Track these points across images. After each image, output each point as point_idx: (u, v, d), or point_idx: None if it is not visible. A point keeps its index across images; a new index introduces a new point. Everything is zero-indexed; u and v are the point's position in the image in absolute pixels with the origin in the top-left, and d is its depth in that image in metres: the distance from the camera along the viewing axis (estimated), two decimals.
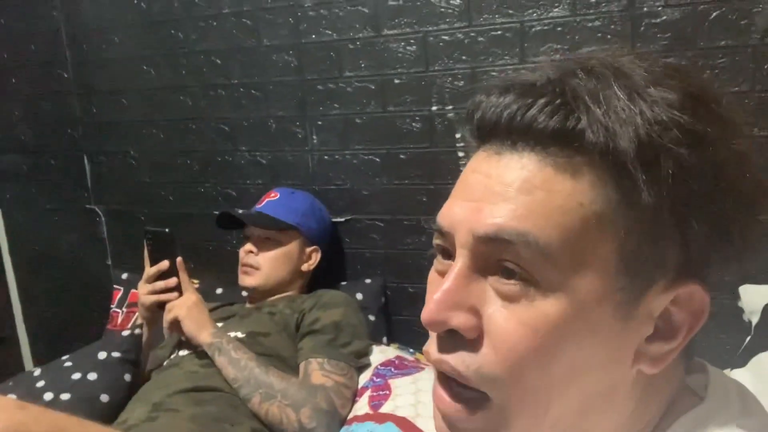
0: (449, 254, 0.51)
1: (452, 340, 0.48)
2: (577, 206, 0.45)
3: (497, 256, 0.47)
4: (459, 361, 0.48)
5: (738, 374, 1.34)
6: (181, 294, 1.58)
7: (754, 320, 1.42)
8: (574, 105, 0.45)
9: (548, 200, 0.46)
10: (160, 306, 1.59)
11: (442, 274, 0.52)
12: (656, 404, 0.52)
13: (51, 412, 0.98)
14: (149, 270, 1.60)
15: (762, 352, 1.30)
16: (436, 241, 0.53)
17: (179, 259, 1.58)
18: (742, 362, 1.36)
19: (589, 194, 0.45)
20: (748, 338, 1.41)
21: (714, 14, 1.47)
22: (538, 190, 0.46)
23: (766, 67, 1.45)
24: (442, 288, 0.48)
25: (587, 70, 0.47)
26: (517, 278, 0.46)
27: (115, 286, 2.17)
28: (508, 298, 0.47)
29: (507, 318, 0.46)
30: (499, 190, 0.47)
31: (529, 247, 0.45)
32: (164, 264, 1.57)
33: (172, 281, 1.58)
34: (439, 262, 0.53)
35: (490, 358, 0.46)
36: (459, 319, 0.47)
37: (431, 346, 0.50)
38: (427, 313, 0.48)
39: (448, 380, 0.50)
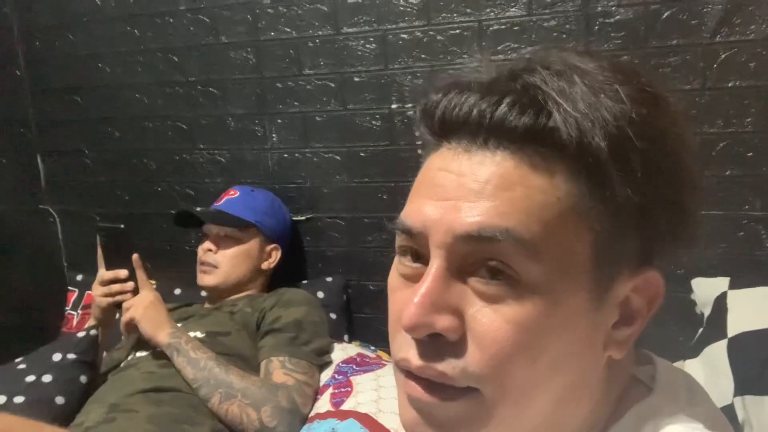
0: (417, 256, 0.51)
1: (435, 344, 0.47)
2: (555, 201, 0.46)
3: (478, 255, 0.47)
4: (445, 365, 0.47)
5: (690, 365, 1.37)
6: (137, 293, 1.55)
7: (706, 312, 1.46)
8: (543, 102, 0.46)
9: (528, 196, 0.46)
10: (116, 306, 1.56)
11: (408, 277, 0.51)
12: (615, 391, 0.53)
13: (4, 416, 0.96)
14: (104, 273, 1.57)
15: (713, 343, 1.34)
16: (402, 243, 0.52)
17: (135, 256, 1.56)
18: (694, 353, 1.39)
19: (565, 189, 0.46)
20: (701, 330, 1.45)
21: (665, 14, 1.51)
22: (517, 186, 0.46)
23: (715, 65, 1.49)
24: (421, 291, 0.46)
25: (546, 67, 0.48)
26: (500, 276, 0.46)
27: (69, 287, 2.12)
28: (490, 298, 0.46)
29: (491, 317, 0.46)
30: (476, 187, 0.47)
31: (513, 244, 0.45)
32: (122, 272, 1.55)
33: (128, 285, 1.55)
34: (403, 265, 0.52)
35: (476, 357, 0.46)
36: (443, 322, 0.46)
37: (408, 352, 0.49)
38: (410, 318, 0.46)
39: (422, 383, 0.49)
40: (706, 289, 1.49)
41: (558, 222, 0.46)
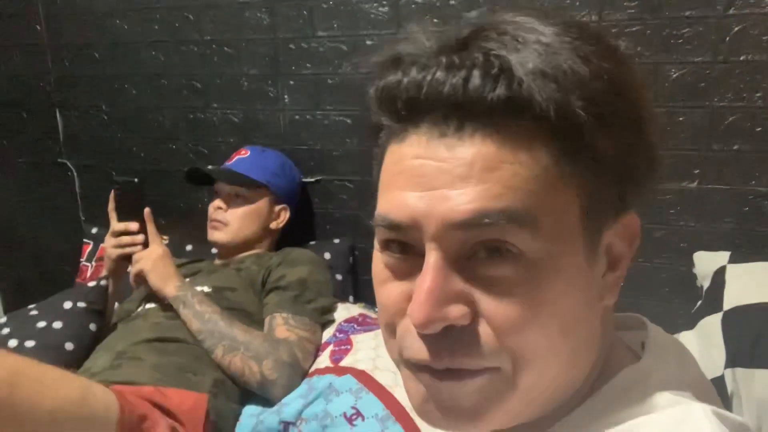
0: (405, 246, 0.49)
1: (447, 334, 0.47)
2: (541, 172, 0.46)
3: (476, 240, 0.46)
4: (461, 352, 0.47)
5: (685, 336, 1.39)
6: (147, 246, 1.59)
7: (705, 285, 1.46)
8: (513, 70, 0.44)
9: (516, 172, 0.45)
10: (127, 258, 1.61)
11: (396, 269, 0.50)
12: (606, 345, 0.54)
13: (10, 356, 1.00)
14: (116, 224, 1.61)
15: (708, 315, 1.35)
16: (387, 237, 0.50)
17: (147, 210, 1.60)
18: (690, 325, 1.40)
19: (548, 158, 0.46)
20: (699, 302, 1.46)
21: None
22: (503, 164, 0.45)
23: (727, 38, 1.47)
24: (425, 287, 0.45)
25: (502, 32, 0.46)
26: (503, 256, 0.46)
27: (85, 240, 2.17)
28: (494, 278, 0.46)
29: (500, 298, 0.46)
30: (462, 172, 0.45)
31: (512, 223, 0.45)
32: (133, 225, 1.58)
33: (139, 238, 1.59)
34: (391, 258, 0.50)
35: (490, 338, 0.46)
36: (455, 312, 0.46)
37: (420, 349, 0.48)
38: (423, 315, 0.45)
39: (439, 374, 0.48)
40: (706, 263, 1.49)
41: (548, 191, 0.46)
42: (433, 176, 0.46)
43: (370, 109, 0.51)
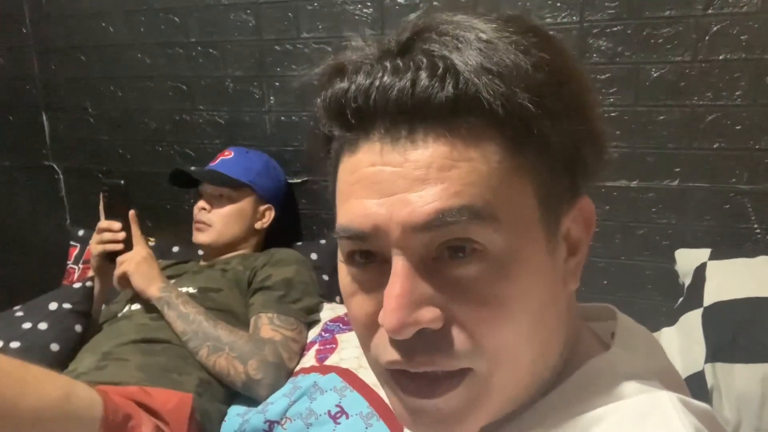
0: (369, 256, 0.49)
1: (420, 339, 0.47)
2: (497, 166, 0.46)
3: (440, 240, 0.46)
4: (436, 354, 0.47)
5: (667, 332, 1.40)
6: (131, 248, 1.60)
7: (687, 282, 1.48)
8: (457, 70, 0.45)
9: (472, 169, 0.45)
10: (111, 259, 1.61)
11: (363, 280, 0.50)
12: (573, 331, 0.55)
13: None
14: (100, 222, 1.61)
15: (689, 311, 1.36)
16: (351, 248, 0.49)
17: (131, 212, 1.60)
18: (672, 321, 1.42)
19: (500, 152, 0.46)
20: (681, 299, 1.48)
21: None
22: (460, 163, 0.45)
23: (707, 38, 1.49)
24: (395, 294, 0.45)
25: (441, 33, 0.47)
26: (466, 255, 0.46)
27: (72, 242, 2.17)
28: (462, 278, 0.46)
29: (469, 297, 0.46)
30: (419, 174, 0.45)
31: (474, 219, 0.45)
32: (116, 225, 1.58)
33: (120, 235, 1.59)
34: (357, 269, 0.50)
35: (463, 338, 0.47)
36: (427, 315, 0.46)
37: (394, 354, 0.48)
38: (394, 321, 0.45)
39: (419, 380, 0.49)
40: (687, 260, 1.51)
41: (504, 185, 0.46)
42: (391, 182, 0.46)
43: (319, 120, 0.51)
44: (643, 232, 1.64)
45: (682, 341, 1.34)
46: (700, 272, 1.43)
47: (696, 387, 1.25)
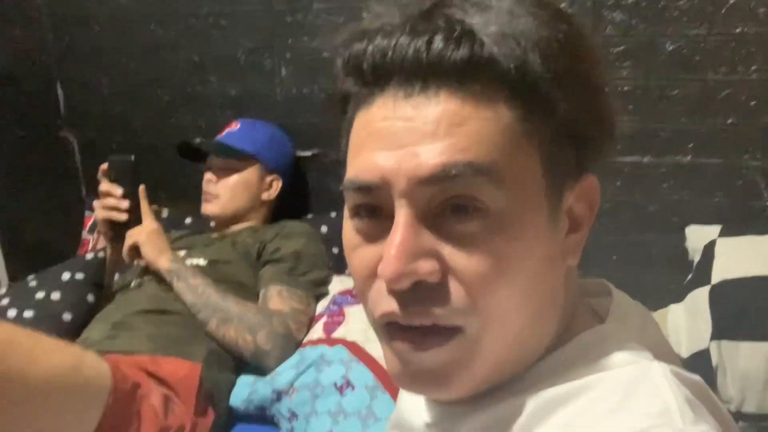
0: (374, 210, 0.50)
1: (416, 291, 0.47)
2: (504, 128, 0.47)
3: (444, 196, 0.47)
4: (430, 308, 0.48)
5: (674, 309, 1.40)
6: (140, 222, 1.61)
7: (696, 259, 1.47)
8: (474, 32, 0.46)
9: (482, 127, 0.47)
10: (121, 232, 1.61)
11: (367, 233, 0.51)
12: (569, 305, 0.56)
13: (2, 324, 1.02)
14: (101, 187, 1.61)
15: (697, 289, 1.36)
16: (357, 201, 0.51)
17: (141, 187, 1.60)
18: (679, 298, 1.41)
19: (510, 115, 0.47)
20: (690, 276, 1.47)
21: None
22: (470, 120, 0.46)
23: (723, 10, 1.46)
24: (396, 242, 0.46)
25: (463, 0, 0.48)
26: (469, 212, 0.47)
27: (87, 212, 2.19)
28: (463, 235, 0.47)
29: (469, 252, 0.47)
30: (429, 129, 0.47)
31: (478, 176, 0.46)
32: (117, 189, 1.58)
33: (124, 203, 1.58)
34: (361, 223, 0.51)
35: (459, 294, 0.47)
36: (425, 267, 0.47)
37: (390, 305, 0.49)
38: (392, 271, 0.46)
39: (409, 334, 0.50)
40: (697, 237, 1.50)
41: (511, 147, 0.47)
42: (402, 135, 0.47)
43: (337, 78, 0.53)
44: (654, 208, 1.63)
45: (689, 318, 1.34)
46: (709, 249, 1.42)
47: (701, 364, 1.25)
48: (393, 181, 0.47)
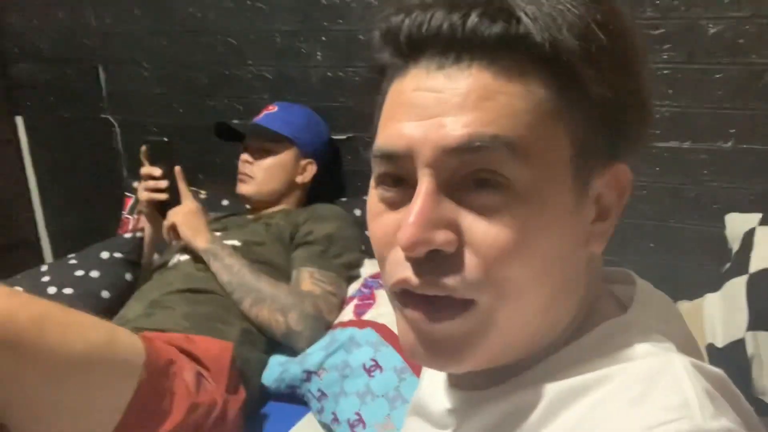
0: (399, 180, 0.51)
1: (432, 261, 0.48)
2: (535, 106, 0.47)
3: (467, 169, 0.47)
4: (444, 278, 0.48)
5: (710, 298, 1.37)
6: (178, 202, 1.64)
7: (735, 247, 1.44)
8: (510, 9, 0.46)
9: (510, 103, 0.47)
10: (161, 212, 1.65)
11: (390, 201, 0.52)
12: (592, 292, 0.56)
13: (40, 300, 1.05)
14: (142, 170, 1.65)
15: (734, 278, 1.33)
16: (382, 169, 0.52)
17: (177, 168, 1.64)
18: (716, 288, 1.38)
19: (542, 93, 0.48)
20: (728, 265, 1.43)
21: None
22: (498, 95, 0.47)
23: None
24: (415, 210, 0.47)
25: None
26: (492, 186, 0.47)
27: (126, 193, 2.24)
28: (483, 208, 0.47)
29: (488, 226, 0.47)
30: (458, 101, 0.47)
31: (503, 150, 0.46)
32: (155, 170, 1.62)
33: (162, 183, 1.62)
34: (385, 190, 0.52)
35: (474, 266, 0.48)
36: (441, 237, 0.47)
37: (405, 272, 0.49)
38: (409, 237, 0.46)
39: (422, 304, 0.50)
40: (737, 225, 1.46)
41: (540, 125, 0.47)
42: (431, 106, 0.48)
43: (373, 50, 0.54)
44: (694, 194, 1.59)
45: (725, 308, 1.31)
46: (748, 238, 1.38)
47: (736, 355, 1.22)
48: (418, 150, 0.48)
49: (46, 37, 2.38)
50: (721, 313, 1.32)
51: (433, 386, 0.63)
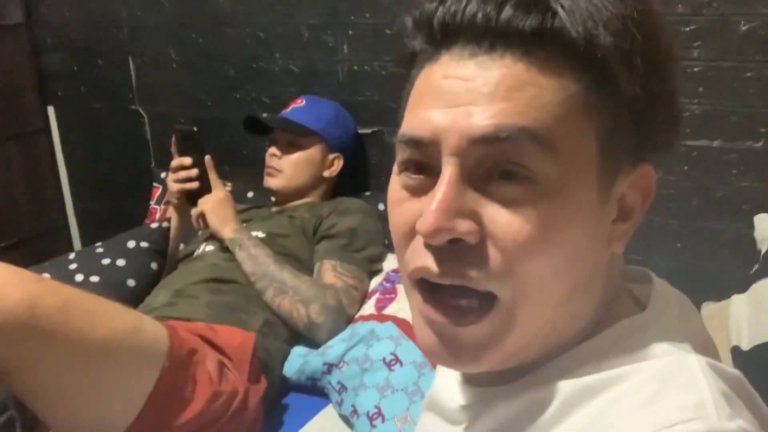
0: (423, 167, 0.50)
1: (452, 250, 0.48)
2: (565, 100, 0.47)
3: (492, 159, 0.47)
4: (465, 268, 0.48)
5: (737, 300, 1.35)
6: (209, 191, 1.66)
7: (763, 249, 1.41)
8: (546, 2, 0.46)
9: (540, 95, 0.47)
10: (191, 200, 1.67)
11: (413, 189, 0.51)
12: (611, 292, 0.55)
13: (66, 287, 1.07)
14: (173, 162, 1.67)
15: (762, 279, 1.30)
16: (406, 155, 0.51)
17: (207, 157, 1.65)
18: (743, 289, 1.36)
19: (573, 88, 0.47)
20: (756, 266, 1.41)
21: None
22: (529, 87, 0.47)
23: None
24: (438, 198, 0.46)
25: None
26: (517, 178, 0.47)
27: (154, 184, 2.27)
28: (507, 200, 0.47)
29: (510, 217, 0.47)
30: (487, 90, 0.47)
31: (530, 142, 0.46)
32: (186, 160, 1.64)
33: (193, 172, 1.64)
34: (409, 177, 0.51)
35: (496, 258, 0.47)
36: (463, 226, 0.47)
37: (425, 260, 0.49)
38: (430, 223, 0.46)
39: (440, 298, 0.50)
40: (766, 226, 1.43)
41: (569, 119, 0.47)
42: (459, 94, 0.48)
43: (406, 36, 0.53)
44: (723, 194, 1.57)
45: (752, 310, 1.29)
46: None
47: (763, 357, 1.20)
48: (444, 138, 0.47)
49: (77, 28, 2.41)
50: (748, 315, 1.29)
51: (447, 382, 0.63)
